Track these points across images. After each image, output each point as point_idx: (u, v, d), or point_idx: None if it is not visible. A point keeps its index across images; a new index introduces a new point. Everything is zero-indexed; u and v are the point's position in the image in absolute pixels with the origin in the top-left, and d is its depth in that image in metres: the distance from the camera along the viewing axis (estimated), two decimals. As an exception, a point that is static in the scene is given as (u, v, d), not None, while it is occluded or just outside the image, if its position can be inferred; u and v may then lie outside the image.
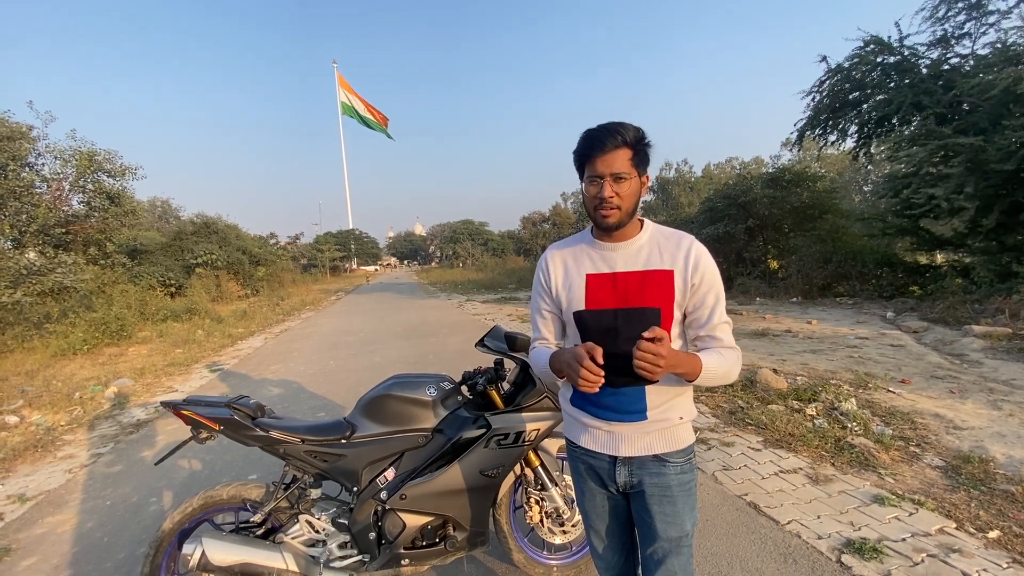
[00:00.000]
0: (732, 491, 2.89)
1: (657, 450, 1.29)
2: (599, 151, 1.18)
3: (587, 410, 1.34)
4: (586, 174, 1.23)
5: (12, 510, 3.23)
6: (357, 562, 1.89)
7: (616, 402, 1.28)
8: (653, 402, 1.27)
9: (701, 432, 3.78)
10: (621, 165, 1.19)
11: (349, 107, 32.59)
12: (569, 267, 1.33)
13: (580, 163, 1.25)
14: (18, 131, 9.94)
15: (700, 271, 1.24)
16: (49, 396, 5.74)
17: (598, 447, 1.34)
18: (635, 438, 1.29)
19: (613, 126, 1.19)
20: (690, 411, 1.33)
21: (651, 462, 1.30)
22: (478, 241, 51.68)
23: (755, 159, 41.14)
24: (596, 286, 1.27)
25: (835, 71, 10.40)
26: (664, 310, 1.23)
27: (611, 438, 1.31)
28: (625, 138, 1.18)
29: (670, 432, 1.29)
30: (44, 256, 9.75)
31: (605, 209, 1.21)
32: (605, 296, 1.26)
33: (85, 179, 11.38)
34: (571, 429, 1.43)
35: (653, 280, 1.24)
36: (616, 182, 1.19)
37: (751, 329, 7.73)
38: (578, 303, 1.29)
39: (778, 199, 12.92)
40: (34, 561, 2.63)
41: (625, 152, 1.19)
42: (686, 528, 1.31)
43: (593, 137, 1.20)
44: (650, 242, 1.28)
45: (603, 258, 1.29)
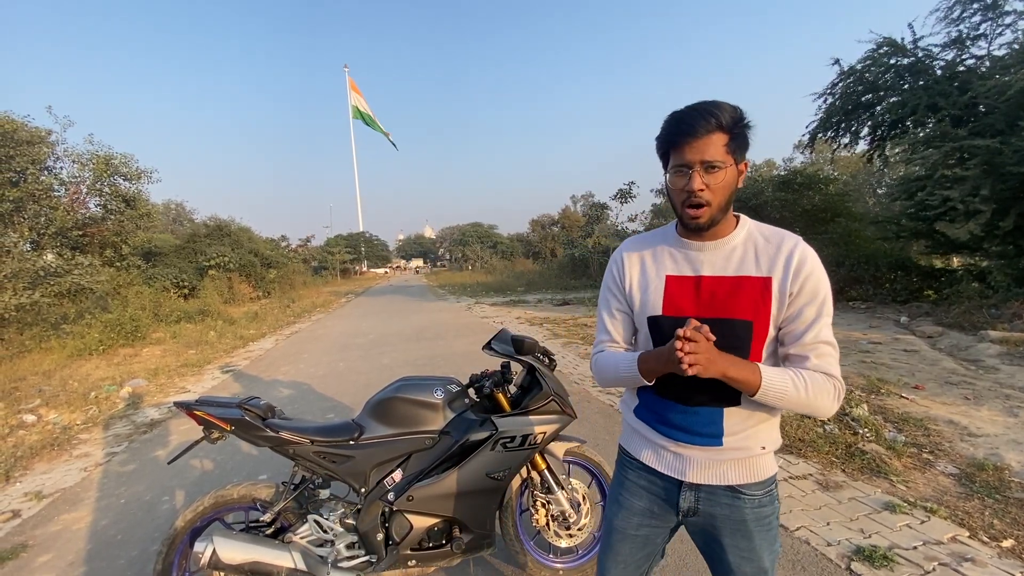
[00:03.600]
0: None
1: (732, 480, 1.13)
2: (689, 136, 1.01)
3: (654, 426, 1.19)
4: (671, 163, 1.06)
5: (29, 507, 3.30)
6: (364, 563, 1.91)
7: (688, 422, 1.13)
8: (731, 427, 1.10)
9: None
10: (715, 152, 1.01)
11: (359, 111, 32.90)
12: (647, 266, 1.18)
13: (664, 150, 1.08)
14: (37, 135, 10.17)
15: (802, 277, 1.05)
16: (66, 396, 5.85)
17: (663, 467, 1.19)
18: (707, 465, 1.14)
19: (705, 106, 1.02)
20: (774, 440, 1.16)
21: (723, 492, 1.14)
22: (487, 244, 51.82)
23: (767, 162, 40.80)
24: (677, 290, 1.12)
25: (848, 73, 10.30)
26: (756, 324, 1.06)
27: (679, 460, 1.16)
28: (720, 120, 1.00)
29: (749, 462, 1.13)
30: (61, 258, 9.94)
31: (693, 207, 1.05)
32: (686, 302, 1.11)
33: (102, 182, 11.59)
34: (632, 441, 1.28)
35: (746, 288, 1.07)
36: (708, 172, 1.01)
37: (761, 333, 7.66)
38: (654, 307, 1.14)
39: (790, 202, 12.81)
40: (50, 558, 2.69)
41: (720, 137, 1.01)
42: (764, 564, 1.16)
43: (681, 120, 1.03)
44: (746, 243, 1.11)
45: (687, 258, 1.13)
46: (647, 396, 1.21)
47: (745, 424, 1.11)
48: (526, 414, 1.99)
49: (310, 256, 42.55)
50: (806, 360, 1.06)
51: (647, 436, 1.21)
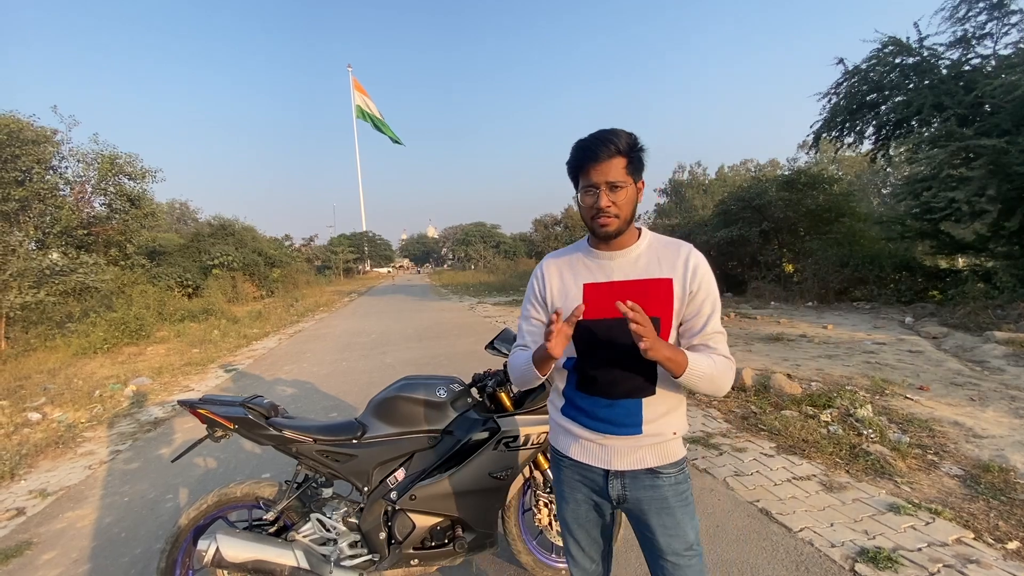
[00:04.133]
0: (744, 497, 2.86)
1: (650, 463, 1.27)
2: (592, 161, 1.17)
3: (580, 421, 1.31)
4: (581, 184, 1.22)
5: (34, 505, 3.32)
6: (367, 561, 1.91)
7: (612, 414, 1.26)
8: (649, 415, 1.25)
9: (712, 437, 3.75)
10: (616, 174, 1.17)
11: (363, 110, 32.94)
12: (565, 277, 1.32)
13: (574, 174, 1.24)
14: (43, 135, 10.22)
15: (698, 279, 1.23)
16: (70, 394, 5.88)
17: (590, 459, 1.31)
18: (628, 452, 1.27)
19: (605, 135, 1.17)
20: (683, 426, 1.31)
21: (644, 475, 1.28)
22: (490, 243, 51.82)
23: (771, 161, 40.70)
24: (594, 296, 1.25)
25: (852, 73, 10.26)
26: (663, 319, 1.22)
27: (604, 451, 1.29)
28: (618, 146, 1.16)
29: (664, 447, 1.28)
30: (67, 257, 9.98)
31: (603, 218, 1.20)
32: (604, 306, 1.23)
33: (107, 182, 11.64)
34: (560, 439, 1.40)
35: (652, 289, 1.22)
36: (612, 191, 1.17)
37: (765, 333, 7.63)
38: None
39: (794, 202, 12.76)
40: (54, 555, 2.70)
41: (619, 160, 1.17)
42: (689, 538, 1.29)
43: (585, 148, 1.18)
44: (648, 250, 1.27)
45: (600, 267, 1.28)
46: (574, 394, 1.33)
47: (660, 413, 1.26)
48: (529, 414, 1.98)
49: (314, 255, 42.65)
50: (709, 348, 1.23)
51: (574, 432, 1.33)
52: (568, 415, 1.35)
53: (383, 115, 15.41)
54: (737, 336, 7.66)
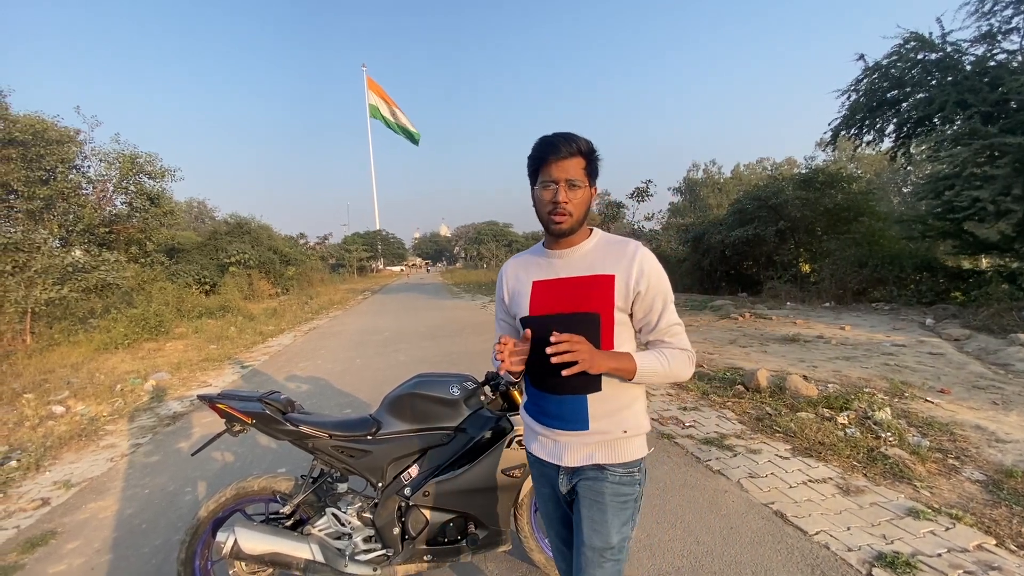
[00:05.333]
0: (758, 499, 2.83)
1: (598, 460, 1.28)
2: (555, 156, 1.21)
3: (538, 419, 1.36)
4: (540, 179, 1.25)
5: (58, 495, 3.41)
6: (381, 556, 1.93)
7: (560, 410, 1.29)
8: (595, 412, 1.27)
9: (727, 438, 3.72)
10: (575, 172, 1.22)
11: (377, 110, 33.15)
12: (520, 276, 1.38)
13: (534, 168, 1.26)
14: (66, 135, 10.46)
15: (646, 276, 1.25)
16: (93, 388, 6.03)
17: (545, 455, 1.36)
18: (578, 448, 1.29)
19: (568, 135, 1.23)
20: (637, 425, 1.30)
21: (590, 470, 1.30)
22: (502, 242, 51.87)
23: (788, 160, 40.10)
24: (541, 292, 1.30)
25: (873, 69, 10.06)
26: (603, 315, 1.24)
27: (556, 447, 1.33)
28: (580, 147, 1.22)
29: (613, 444, 1.29)
30: (89, 254, 10.22)
31: (558, 214, 1.24)
32: (548, 302, 1.29)
33: (128, 181, 11.87)
34: (527, 436, 1.45)
35: (594, 285, 1.25)
36: (570, 188, 1.22)
37: (780, 334, 7.54)
38: (524, 309, 1.33)
39: (811, 201, 12.57)
40: (77, 544, 2.77)
41: (579, 161, 1.22)
42: (611, 540, 1.28)
43: (550, 143, 1.22)
44: (595, 249, 1.31)
45: (550, 265, 1.32)
46: (531, 390, 1.38)
47: (606, 410, 1.27)
48: (542, 412, 1.99)
49: (328, 254, 43.07)
50: (666, 343, 1.28)
51: (534, 429, 1.38)
52: (529, 412, 1.41)
53: (405, 111, 15.45)
54: (752, 337, 7.58)
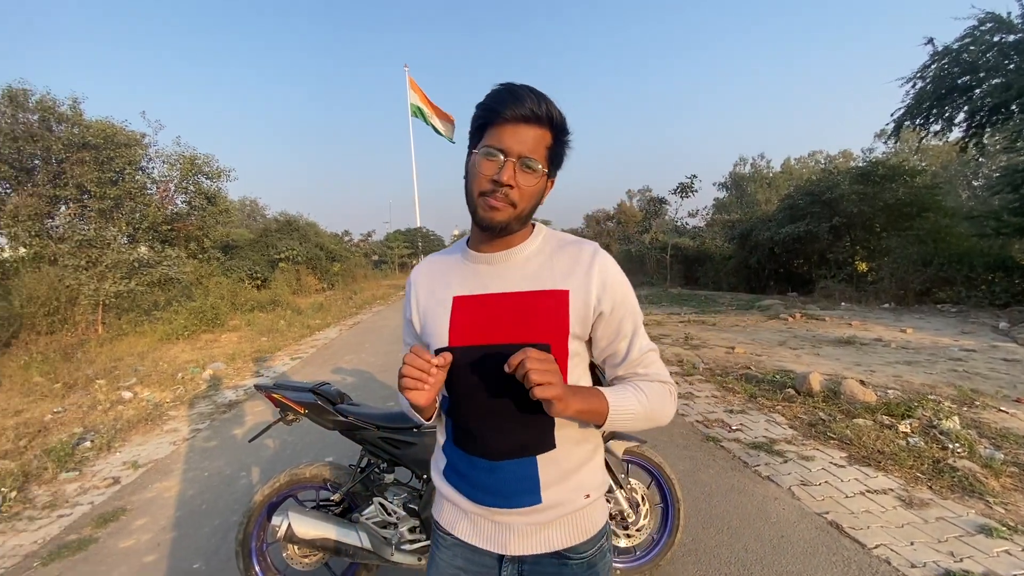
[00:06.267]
0: (811, 508, 2.71)
1: (558, 545, 0.94)
2: (517, 117, 0.84)
3: (465, 492, 0.96)
4: (484, 143, 0.86)
5: (127, 475, 3.65)
6: (426, 547, 1.97)
7: (496, 482, 0.92)
8: (548, 478, 0.91)
9: (776, 443, 3.57)
10: (535, 148, 0.86)
11: (417, 109, 33.67)
12: (436, 287, 0.98)
13: (481, 123, 0.88)
14: (134, 139, 11.17)
15: (610, 291, 0.92)
16: (156, 376, 6.43)
17: (482, 542, 0.95)
18: (529, 531, 0.93)
19: (539, 93, 0.86)
20: (600, 483, 0.98)
21: (549, 560, 0.95)
22: (541, 239, 51.60)
23: (843, 152, 38.09)
24: (465, 313, 0.92)
25: (942, 54, 9.42)
26: (554, 346, 0.89)
27: (498, 531, 0.94)
28: (551, 114, 0.86)
29: (575, 518, 0.94)
30: (153, 250, 10.91)
31: (495, 198, 0.86)
32: (475, 327, 0.91)
33: (187, 181, 12.56)
34: (443, 511, 1.02)
35: (539, 305, 0.90)
36: (522, 169, 0.85)
37: (834, 336, 7.18)
38: (440, 337, 0.93)
39: (869, 195, 11.90)
40: (145, 521, 2.97)
41: (544, 134, 0.87)
42: None
43: (516, 97, 0.84)
44: (539, 253, 0.95)
45: (476, 274, 0.95)
46: (452, 452, 0.99)
47: (562, 472, 0.92)
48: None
49: (371, 250, 44.23)
50: (639, 375, 0.96)
51: (460, 504, 0.97)
52: (450, 480, 0.99)
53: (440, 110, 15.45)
54: (803, 338, 7.25)
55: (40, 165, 9.96)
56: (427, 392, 0.83)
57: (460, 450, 0.96)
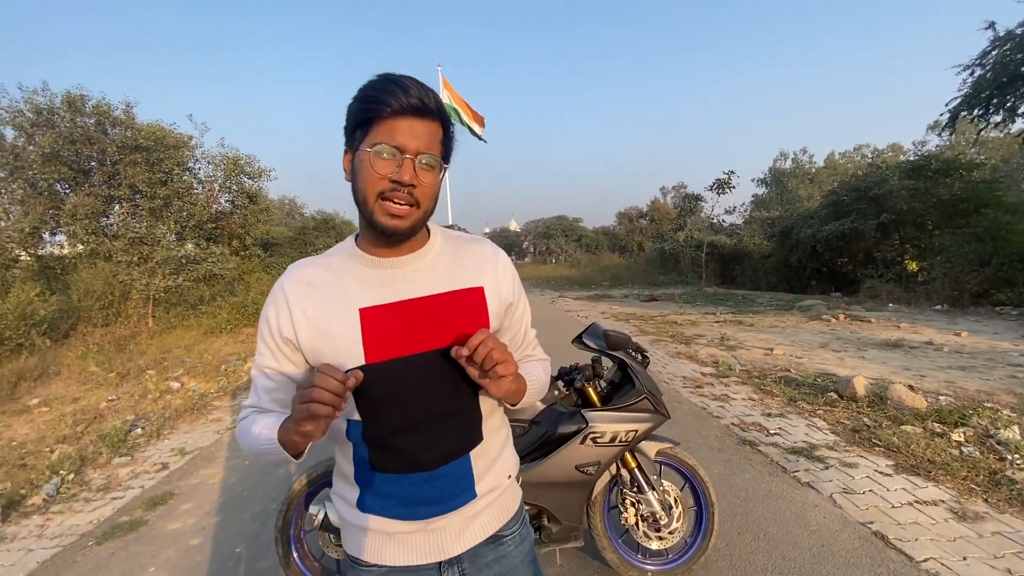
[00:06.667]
0: (854, 517, 2.60)
1: (491, 529, 0.95)
2: (412, 113, 0.78)
3: (397, 514, 0.90)
4: (374, 140, 0.78)
5: (175, 461, 3.84)
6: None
7: (436, 490, 0.89)
8: (481, 469, 0.92)
9: (817, 449, 3.44)
10: (432, 144, 0.80)
11: (451, 108, 34.03)
12: (327, 300, 0.86)
13: (364, 119, 0.79)
14: (181, 140, 11.67)
15: (515, 283, 0.97)
16: (202, 367, 6.72)
17: (417, 558, 0.91)
18: (463, 527, 0.92)
19: (423, 83, 0.79)
20: (516, 464, 1.03)
21: (485, 547, 0.95)
22: (571, 237, 51.40)
23: (892, 146, 36.32)
24: (379, 325, 0.84)
25: (1004, 39, 8.83)
26: None
27: (434, 539, 0.91)
28: (441, 108, 0.81)
29: (501, 501, 0.97)
30: (199, 248, 11.38)
31: (397, 204, 0.79)
32: (397, 338, 0.85)
33: (231, 181, 13.04)
34: (362, 544, 0.93)
35: (460, 304, 0.89)
36: (422, 167, 0.79)
37: (881, 339, 6.86)
38: (351, 355, 0.83)
39: (920, 191, 11.32)
40: (191, 506, 3.11)
41: (437, 128, 0.81)
42: None
43: (400, 86, 0.77)
44: (444, 252, 0.93)
45: (382, 281, 0.87)
46: (372, 477, 0.90)
47: (491, 460, 0.95)
48: (617, 410, 1.95)
49: (403, 248, 44.95)
50: (530, 356, 1.06)
51: (384, 529, 0.91)
52: (373, 510, 0.91)
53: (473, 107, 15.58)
54: (847, 340, 6.97)
55: (96, 167, 10.53)
56: (330, 420, 0.74)
57: (384, 473, 0.89)
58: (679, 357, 6.54)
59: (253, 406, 0.92)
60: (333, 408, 0.72)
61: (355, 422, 0.88)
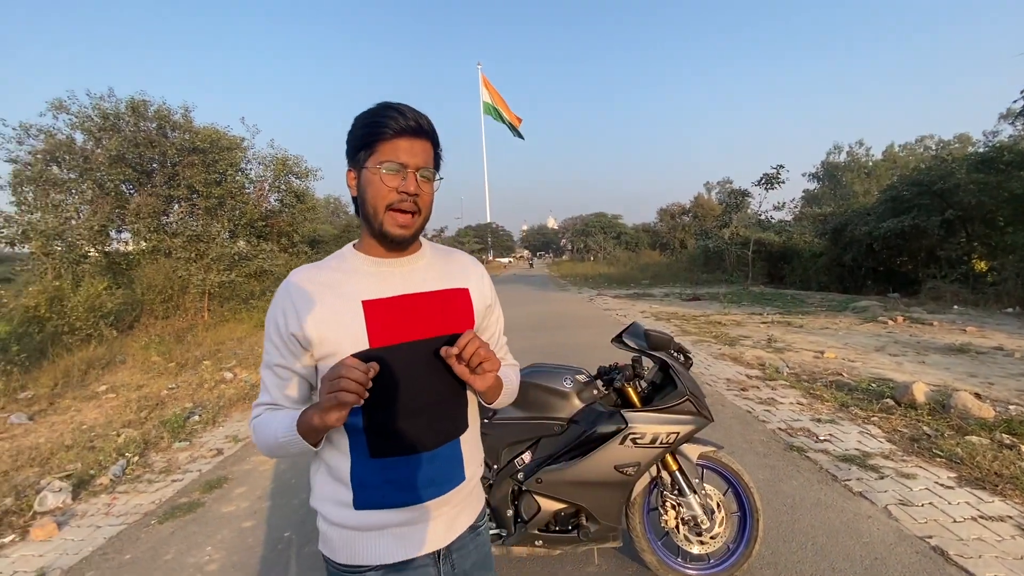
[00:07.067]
0: (911, 530, 2.46)
1: (471, 518, 1.05)
2: (409, 133, 0.91)
3: (395, 502, 0.93)
4: (380, 159, 0.90)
5: (229, 447, 4.05)
6: (495, 535, 2.02)
7: (435, 470, 0.96)
8: (467, 454, 1.01)
9: (871, 457, 3.28)
10: (427, 160, 0.94)
11: (490, 106, 34.20)
12: (331, 295, 0.94)
13: (367, 142, 0.92)
14: (234, 142, 12.25)
15: (492, 290, 1.10)
16: (253, 359, 7.05)
17: (415, 550, 0.95)
18: (453, 515, 1.00)
19: (416, 109, 0.94)
20: (480, 451, 1.10)
21: (467, 536, 1.03)
22: (611, 234, 50.71)
23: (959, 136, 33.99)
24: (380, 315, 0.93)
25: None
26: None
27: (427, 530, 0.96)
28: (433, 129, 0.96)
29: (476, 490, 1.08)
30: (250, 245, 11.93)
31: (404, 208, 0.92)
32: (396, 326, 0.93)
33: (280, 181, 13.60)
34: (355, 547, 0.95)
35: (451, 301, 1.00)
36: (423, 179, 0.93)
37: (944, 343, 6.45)
38: (356, 340, 0.91)
39: (991, 185, 10.54)
40: (244, 490, 3.28)
41: (430, 146, 0.96)
42: None
43: (399, 112, 0.91)
44: (433, 258, 1.05)
45: (384, 277, 0.97)
46: (373, 465, 0.93)
47: (473, 448, 1.05)
48: (658, 411, 1.92)
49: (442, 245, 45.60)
50: (504, 360, 1.14)
51: (383, 524, 0.94)
52: (370, 504, 0.93)
53: (511, 105, 15.70)
54: (905, 344, 6.59)
55: (157, 168, 11.20)
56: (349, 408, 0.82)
57: (384, 459, 0.93)
58: (723, 358, 6.36)
59: (266, 403, 0.98)
60: (358, 396, 0.80)
61: (356, 410, 0.90)
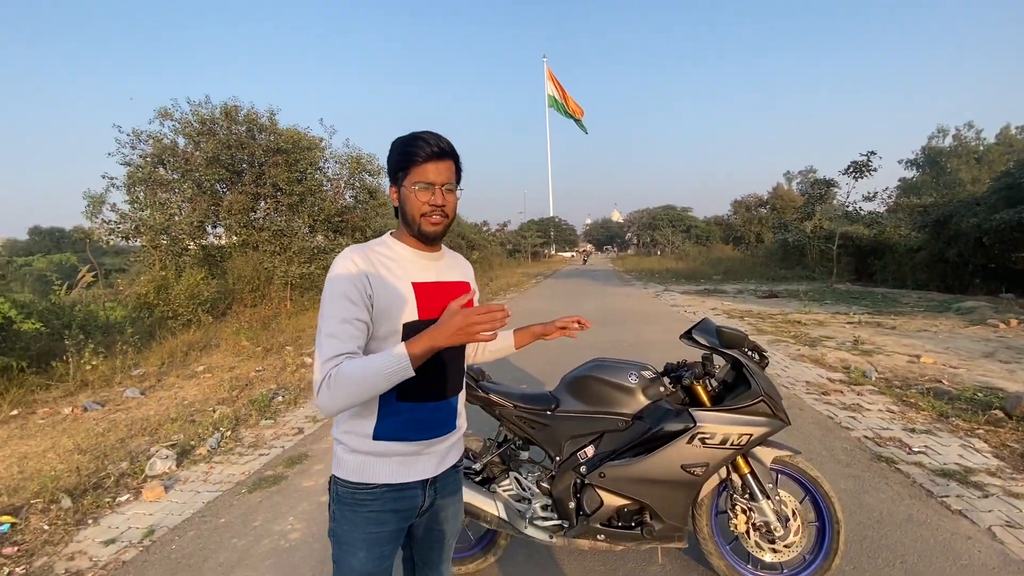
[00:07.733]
0: (1018, 555, 2.21)
1: (454, 460, 1.34)
2: (435, 158, 1.17)
3: (409, 437, 1.20)
4: (414, 180, 1.17)
5: (309, 427, 4.35)
6: (556, 526, 2.03)
7: (442, 415, 1.26)
8: (460, 409, 1.32)
9: (974, 473, 2.96)
10: (451, 175, 1.21)
11: (554, 100, 33.94)
12: (389, 274, 1.18)
13: (403, 166, 1.18)
14: (313, 143, 13.02)
15: (475, 283, 1.39)
16: (329, 346, 7.50)
17: (413, 476, 1.23)
18: (443, 454, 1.29)
19: (440, 136, 1.20)
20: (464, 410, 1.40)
21: (450, 472, 1.33)
22: (679, 228, 48.83)
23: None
24: (426, 295, 1.21)
25: None
26: None
27: (427, 460, 1.26)
28: (454, 150, 1.22)
29: (460, 439, 1.37)
30: (327, 239, 12.66)
31: (436, 216, 1.20)
32: (435, 304, 1.21)
33: (354, 178, 14.30)
34: (370, 470, 1.19)
35: (464, 289, 1.29)
36: (448, 192, 1.20)
37: (1070, 350, 5.67)
38: (409, 312, 1.18)
39: None
40: (322, 467, 3.51)
41: (452, 164, 1.21)
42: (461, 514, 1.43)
43: (428, 143, 1.17)
44: (449, 257, 1.34)
45: (426, 267, 1.26)
46: (399, 407, 1.19)
47: (462, 405, 1.34)
48: (730, 412, 1.85)
49: (506, 239, 46.01)
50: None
51: (398, 452, 1.21)
52: (386, 436, 1.19)
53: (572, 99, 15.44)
54: (1019, 350, 5.86)
55: (247, 168, 12.14)
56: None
57: (410, 402, 1.20)
58: (802, 360, 5.97)
59: (345, 353, 1.09)
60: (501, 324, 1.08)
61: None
